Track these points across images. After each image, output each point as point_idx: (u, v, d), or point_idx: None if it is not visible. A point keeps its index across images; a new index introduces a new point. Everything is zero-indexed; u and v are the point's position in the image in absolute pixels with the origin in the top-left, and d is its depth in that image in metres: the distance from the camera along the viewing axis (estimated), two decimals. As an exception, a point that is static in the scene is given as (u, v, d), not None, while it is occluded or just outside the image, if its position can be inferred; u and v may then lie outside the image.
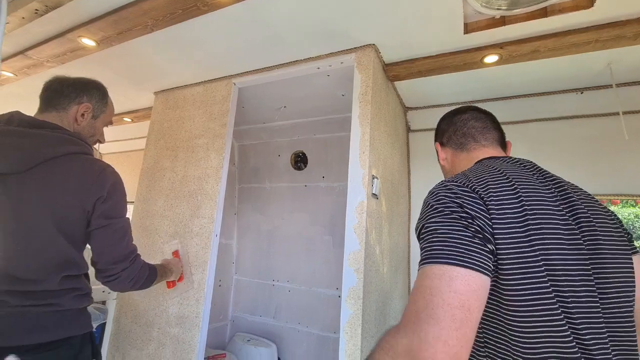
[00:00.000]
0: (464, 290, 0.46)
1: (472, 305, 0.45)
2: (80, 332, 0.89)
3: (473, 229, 0.50)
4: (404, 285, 1.76)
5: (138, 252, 0.98)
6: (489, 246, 0.50)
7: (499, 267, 0.50)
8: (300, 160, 2.29)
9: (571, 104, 1.60)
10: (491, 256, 0.50)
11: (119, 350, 1.59)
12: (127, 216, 0.95)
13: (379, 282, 1.28)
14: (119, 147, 3.27)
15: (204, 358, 1.44)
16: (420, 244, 0.56)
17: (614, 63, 1.31)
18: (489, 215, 0.52)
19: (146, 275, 1.00)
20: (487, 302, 0.52)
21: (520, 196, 0.55)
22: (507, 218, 0.52)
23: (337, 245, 2.07)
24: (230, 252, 2.39)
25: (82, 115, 0.94)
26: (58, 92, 0.93)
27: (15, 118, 0.86)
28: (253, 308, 2.28)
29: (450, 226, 0.51)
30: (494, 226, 0.51)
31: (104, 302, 1.66)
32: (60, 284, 0.84)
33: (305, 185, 2.24)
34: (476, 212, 0.52)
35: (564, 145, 1.64)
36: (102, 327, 1.62)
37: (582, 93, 1.53)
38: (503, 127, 0.78)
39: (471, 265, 0.47)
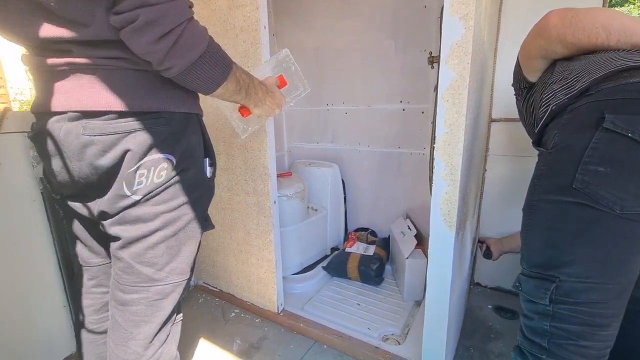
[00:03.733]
0: None
1: None
2: (175, 109, 0.67)
3: None
4: (490, 72, 1.49)
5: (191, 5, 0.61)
6: None
7: None
8: (346, -57, 1.74)
9: None
10: None
11: (190, 169, 1.61)
12: None
13: (480, 45, 1.01)
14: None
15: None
16: None
17: None
18: None
19: (201, 47, 0.61)
20: None
21: None
22: None
23: (400, 50, 1.74)
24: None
25: None
26: None
27: None
28: (309, 136, 2.21)
29: None
30: None
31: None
32: (114, 30, 0.58)
33: (357, -23, 1.76)
34: None
35: None
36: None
37: None
38: None
39: None
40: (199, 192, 0.74)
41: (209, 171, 0.77)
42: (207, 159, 0.76)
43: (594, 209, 0.56)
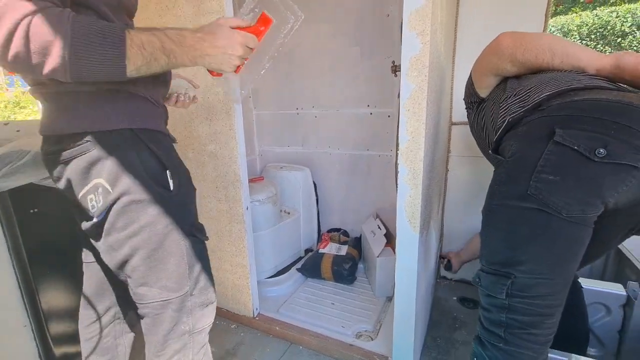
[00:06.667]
0: None
1: None
2: (98, 128, 0.64)
3: None
4: (449, 80, 1.59)
5: None
6: None
7: None
8: (311, -50, 1.77)
9: None
10: None
11: (159, 177, 1.58)
12: None
13: (437, 57, 1.08)
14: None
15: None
16: None
17: None
18: None
19: (61, 40, 0.52)
20: None
21: None
22: None
23: (366, 56, 1.80)
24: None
25: None
26: None
27: None
28: (279, 140, 2.23)
29: None
30: None
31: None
32: None
33: (323, -16, 1.80)
34: None
35: None
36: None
37: None
38: None
39: None
40: (158, 209, 0.69)
41: (172, 184, 0.71)
42: (168, 172, 0.71)
43: (545, 213, 0.63)
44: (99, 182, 0.65)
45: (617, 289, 1.11)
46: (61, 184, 0.69)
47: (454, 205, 1.78)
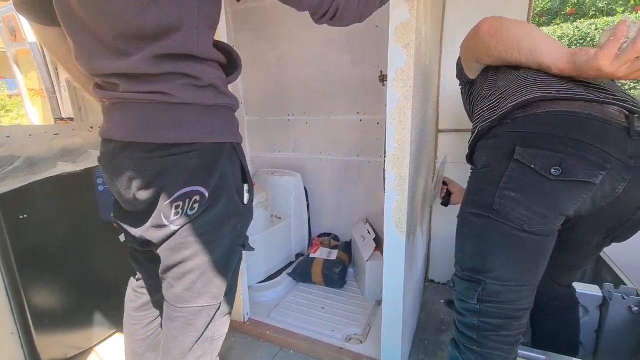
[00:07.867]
0: None
1: None
2: (206, 139, 0.66)
3: None
4: (434, 89, 1.64)
5: None
6: None
7: None
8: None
9: None
10: None
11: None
12: None
13: (422, 69, 1.13)
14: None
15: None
16: None
17: None
18: None
19: None
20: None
21: None
22: None
23: (357, 64, 1.85)
24: (235, 90, 2.19)
25: None
26: None
27: None
28: (271, 145, 2.26)
29: None
30: None
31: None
32: (156, 65, 0.60)
33: (313, -5, 1.84)
34: None
35: None
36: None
37: None
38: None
39: None
40: (234, 220, 0.73)
41: (246, 197, 0.75)
42: (246, 185, 0.74)
43: (509, 226, 0.67)
44: (198, 189, 0.66)
45: (593, 290, 1.16)
46: (147, 191, 0.67)
47: (441, 209, 1.82)
